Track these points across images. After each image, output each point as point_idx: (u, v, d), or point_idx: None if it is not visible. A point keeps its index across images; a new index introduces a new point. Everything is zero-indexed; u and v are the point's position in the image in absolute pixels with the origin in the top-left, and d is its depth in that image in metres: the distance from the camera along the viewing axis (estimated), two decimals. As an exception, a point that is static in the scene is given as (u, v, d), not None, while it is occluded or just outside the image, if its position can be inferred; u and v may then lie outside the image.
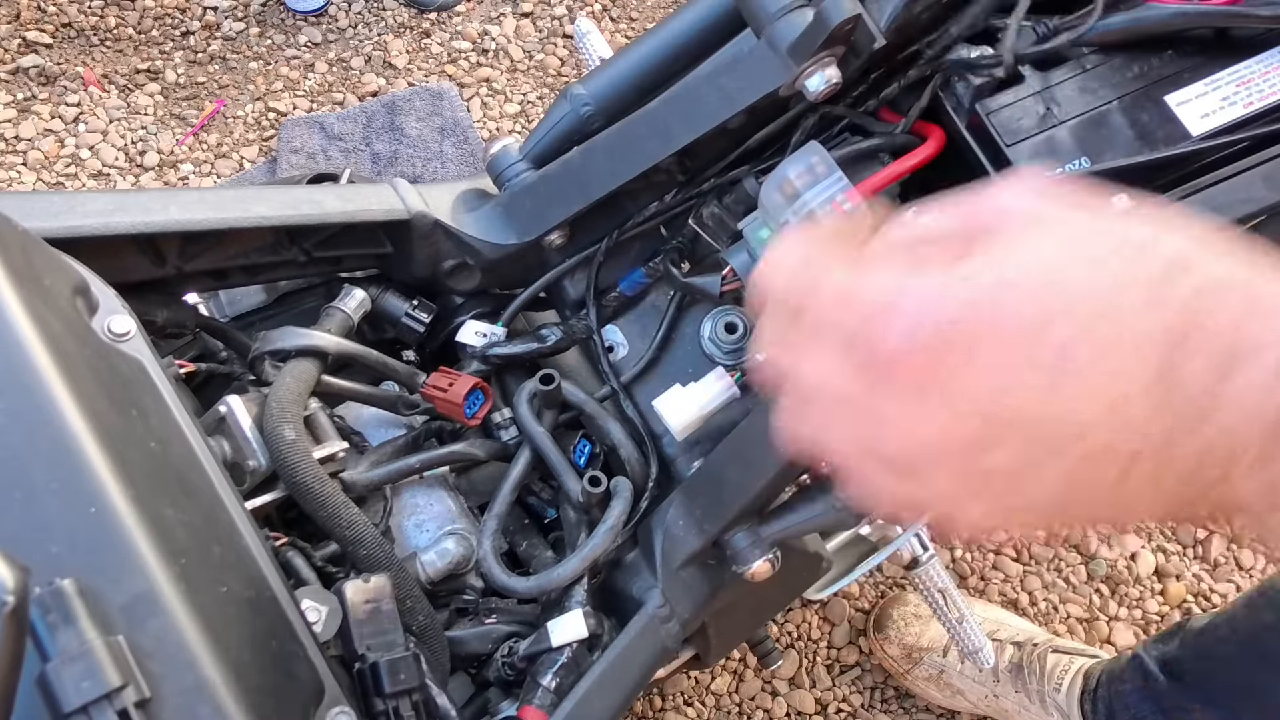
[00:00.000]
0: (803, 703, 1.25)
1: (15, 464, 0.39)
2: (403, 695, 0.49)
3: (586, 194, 0.62)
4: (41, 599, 0.35)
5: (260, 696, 0.39)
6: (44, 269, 0.47)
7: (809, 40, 0.54)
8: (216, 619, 0.39)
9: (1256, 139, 0.53)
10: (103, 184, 1.53)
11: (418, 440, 0.66)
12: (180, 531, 0.41)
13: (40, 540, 0.38)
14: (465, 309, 0.70)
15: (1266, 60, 0.54)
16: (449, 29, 1.70)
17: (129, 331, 0.49)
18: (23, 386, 0.40)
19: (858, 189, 0.55)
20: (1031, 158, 0.54)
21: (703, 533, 0.56)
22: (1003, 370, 0.26)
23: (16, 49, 1.61)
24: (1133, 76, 0.55)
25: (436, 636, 0.57)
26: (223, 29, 1.66)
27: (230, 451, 0.56)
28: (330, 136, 1.56)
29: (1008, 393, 0.26)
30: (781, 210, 0.57)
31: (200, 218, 0.56)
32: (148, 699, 0.35)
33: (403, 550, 0.62)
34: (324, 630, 0.49)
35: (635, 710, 1.21)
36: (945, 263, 0.28)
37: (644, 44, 0.68)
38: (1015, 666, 1.15)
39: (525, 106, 1.64)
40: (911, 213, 0.31)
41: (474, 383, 0.63)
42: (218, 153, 1.57)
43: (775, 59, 0.55)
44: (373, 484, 0.60)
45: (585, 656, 0.58)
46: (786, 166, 0.57)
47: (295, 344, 0.60)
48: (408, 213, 0.63)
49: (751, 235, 0.60)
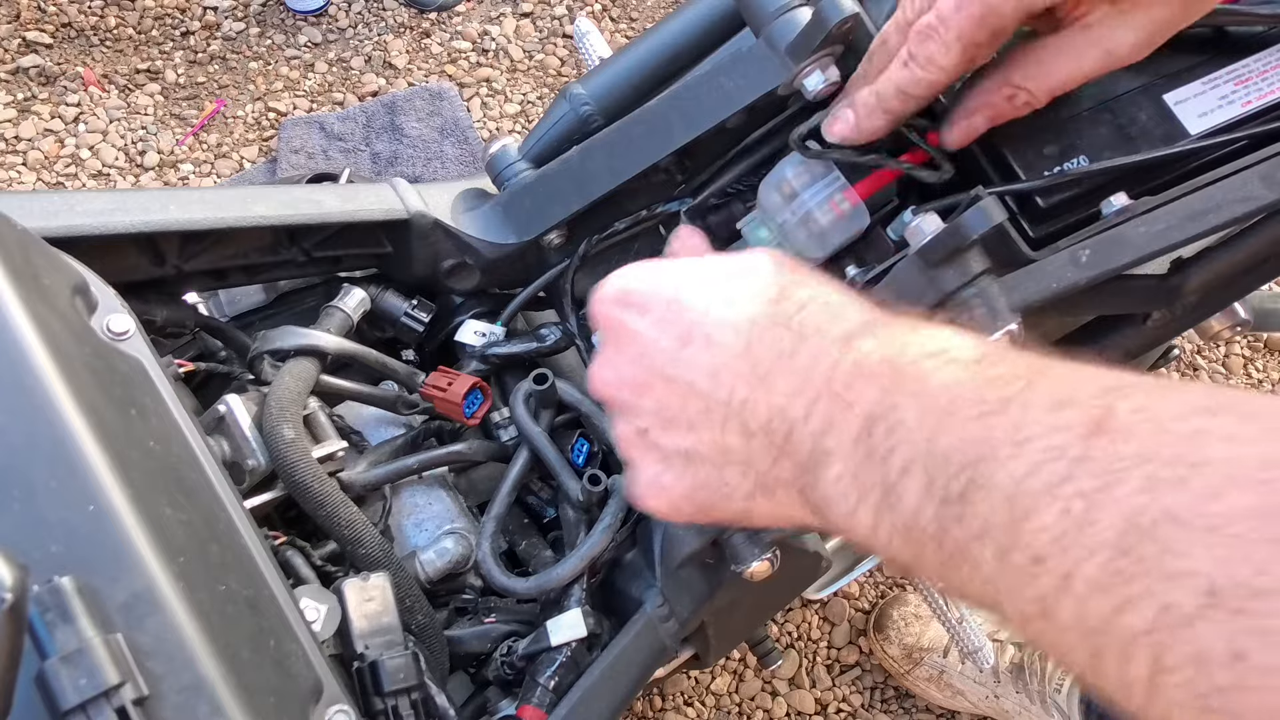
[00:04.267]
0: (803, 703, 1.25)
1: (14, 462, 0.39)
2: (401, 694, 0.50)
3: (586, 193, 0.62)
4: (40, 597, 0.35)
5: (258, 694, 0.39)
6: (43, 268, 0.47)
7: (808, 39, 0.54)
8: (215, 617, 0.39)
9: (1255, 138, 0.53)
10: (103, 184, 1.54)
11: (417, 440, 0.66)
12: (179, 530, 0.41)
13: (39, 538, 0.38)
14: (464, 308, 0.70)
15: (1265, 59, 0.54)
16: (449, 29, 1.70)
17: (128, 330, 0.50)
18: (22, 385, 0.40)
19: (855, 188, 0.55)
20: (1030, 156, 0.54)
21: (702, 532, 0.56)
22: (652, 340, 0.40)
23: (16, 49, 1.61)
24: (1131, 75, 0.55)
25: (435, 635, 0.57)
26: (223, 29, 1.67)
27: (229, 451, 0.56)
28: (330, 136, 1.57)
29: (652, 354, 0.40)
30: (779, 210, 0.57)
31: (200, 217, 0.57)
32: (146, 697, 0.35)
33: (402, 549, 0.62)
34: (323, 629, 0.49)
35: (635, 710, 1.21)
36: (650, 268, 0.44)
37: (643, 44, 0.68)
38: (1016, 667, 1.15)
39: (525, 106, 1.64)
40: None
41: (473, 382, 0.63)
42: (218, 153, 1.57)
43: (774, 58, 0.56)
44: (371, 484, 0.60)
45: (584, 656, 0.58)
46: (784, 166, 0.57)
47: (294, 343, 0.60)
48: (407, 212, 0.63)
49: (750, 235, 0.60)
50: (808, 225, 0.56)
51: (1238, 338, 1.58)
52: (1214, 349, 1.56)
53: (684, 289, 0.41)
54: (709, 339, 0.39)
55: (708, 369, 0.39)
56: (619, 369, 0.42)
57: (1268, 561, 0.23)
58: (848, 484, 0.34)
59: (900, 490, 0.32)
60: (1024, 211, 0.54)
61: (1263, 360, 1.57)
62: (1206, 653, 0.23)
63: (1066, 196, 0.53)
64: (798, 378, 0.36)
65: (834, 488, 0.35)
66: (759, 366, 0.38)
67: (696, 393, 0.39)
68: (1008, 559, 0.28)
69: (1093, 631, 0.26)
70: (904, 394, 0.33)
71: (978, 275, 0.49)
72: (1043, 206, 0.53)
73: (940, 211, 0.52)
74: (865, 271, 0.56)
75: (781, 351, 0.37)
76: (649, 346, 0.41)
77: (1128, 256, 0.50)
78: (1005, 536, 0.28)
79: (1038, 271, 0.50)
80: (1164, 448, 0.26)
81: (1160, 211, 0.50)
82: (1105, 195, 0.52)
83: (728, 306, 0.40)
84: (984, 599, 0.30)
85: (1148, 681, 0.25)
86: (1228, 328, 0.68)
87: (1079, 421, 0.28)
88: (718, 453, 0.39)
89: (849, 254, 0.58)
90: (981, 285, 0.49)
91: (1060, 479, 0.27)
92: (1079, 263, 0.50)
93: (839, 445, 0.35)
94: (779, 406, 0.37)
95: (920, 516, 0.31)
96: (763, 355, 0.38)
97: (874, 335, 0.36)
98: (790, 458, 0.37)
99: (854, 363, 0.35)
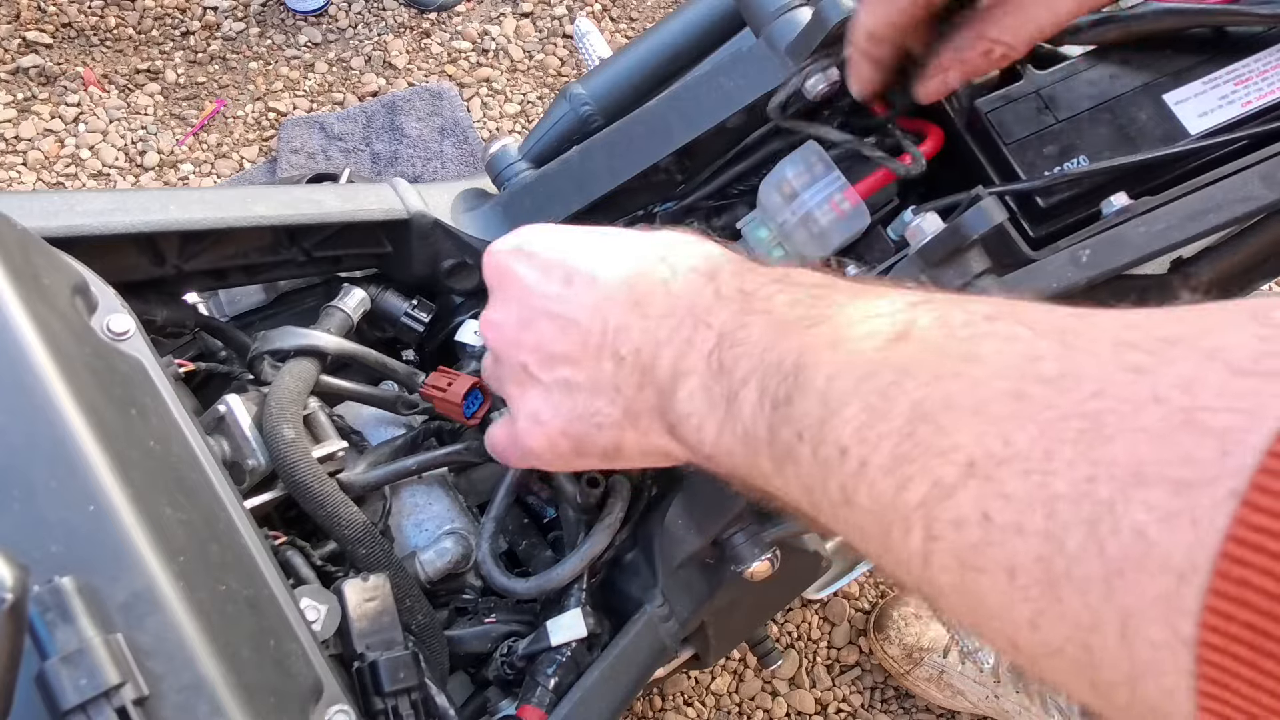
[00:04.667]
0: (803, 703, 1.25)
1: (14, 462, 0.39)
2: (401, 694, 0.50)
3: (585, 193, 0.62)
4: (40, 597, 0.35)
5: (259, 694, 0.39)
6: (43, 268, 0.47)
7: (807, 39, 0.54)
8: (215, 617, 0.39)
9: (1255, 138, 0.53)
10: (103, 184, 1.54)
11: (417, 440, 0.66)
12: (179, 530, 0.41)
13: (39, 538, 0.38)
14: (465, 308, 0.70)
15: (1264, 59, 0.54)
16: (449, 29, 1.70)
17: (128, 330, 0.50)
18: (22, 385, 0.40)
19: (855, 188, 0.55)
20: (1030, 156, 0.54)
21: (702, 532, 0.56)
22: (537, 282, 0.44)
23: (16, 49, 1.61)
24: (1131, 75, 0.55)
25: (435, 635, 0.57)
26: (223, 29, 1.67)
27: (229, 451, 0.56)
28: (330, 136, 1.56)
29: (537, 295, 0.44)
30: (779, 209, 0.57)
31: (200, 217, 0.57)
32: (146, 696, 0.35)
33: (402, 549, 0.62)
34: (323, 629, 0.49)
35: (635, 710, 1.21)
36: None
37: (643, 44, 0.68)
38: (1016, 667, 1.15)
39: (525, 106, 1.64)
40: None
41: (473, 382, 0.63)
42: (218, 153, 1.57)
43: (774, 58, 0.56)
44: (372, 485, 0.60)
45: (584, 656, 0.58)
46: (785, 166, 0.57)
47: (294, 343, 0.60)
48: (407, 212, 0.63)
49: (750, 234, 0.60)
50: (808, 225, 0.56)
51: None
52: (1214, 349, 1.56)
53: (574, 244, 0.45)
54: (593, 279, 0.43)
55: (590, 304, 0.42)
56: (505, 312, 0.46)
57: (1012, 432, 0.26)
58: (700, 399, 0.38)
59: (741, 399, 0.35)
60: (1024, 211, 0.54)
61: (1263, 360, 1.57)
62: (963, 518, 0.26)
63: (1066, 196, 0.53)
64: (669, 302, 0.40)
65: (687, 404, 0.38)
66: (634, 293, 0.41)
67: (577, 326, 0.42)
68: (819, 453, 0.31)
69: (882, 510, 0.29)
70: (752, 314, 0.37)
71: (978, 275, 0.49)
72: (1043, 206, 0.53)
73: (940, 211, 0.52)
74: (865, 272, 0.56)
75: (657, 280, 0.41)
76: (535, 288, 0.44)
77: (1128, 256, 0.50)
78: (818, 432, 0.32)
79: (1038, 271, 0.50)
80: (950, 347, 0.30)
81: (1160, 211, 0.50)
82: (1105, 195, 0.52)
83: (615, 253, 0.43)
84: (805, 500, 0.34)
85: (921, 550, 0.28)
86: (1228, 328, 0.68)
87: (887, 329, 0.32)
88: (591, 381, 0.42)
89: (849, 254, 0.58)
90: (981, 285, 0.49)
91: (863, 376, 0.31)
92: (1079, 263, 0.50)
93: (695, 364, 0.38)
94: (649, 330, 0.40)
95: (756, 423, 0.35)
96: (640, 285, 0.41)
97: (734, 273, 0.40)
98: (653, 383, 0.40)
99: (714, 290, 0.39)
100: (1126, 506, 0.22)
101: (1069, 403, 0.25)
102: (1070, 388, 0.25)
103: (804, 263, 0.46)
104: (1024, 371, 0.27)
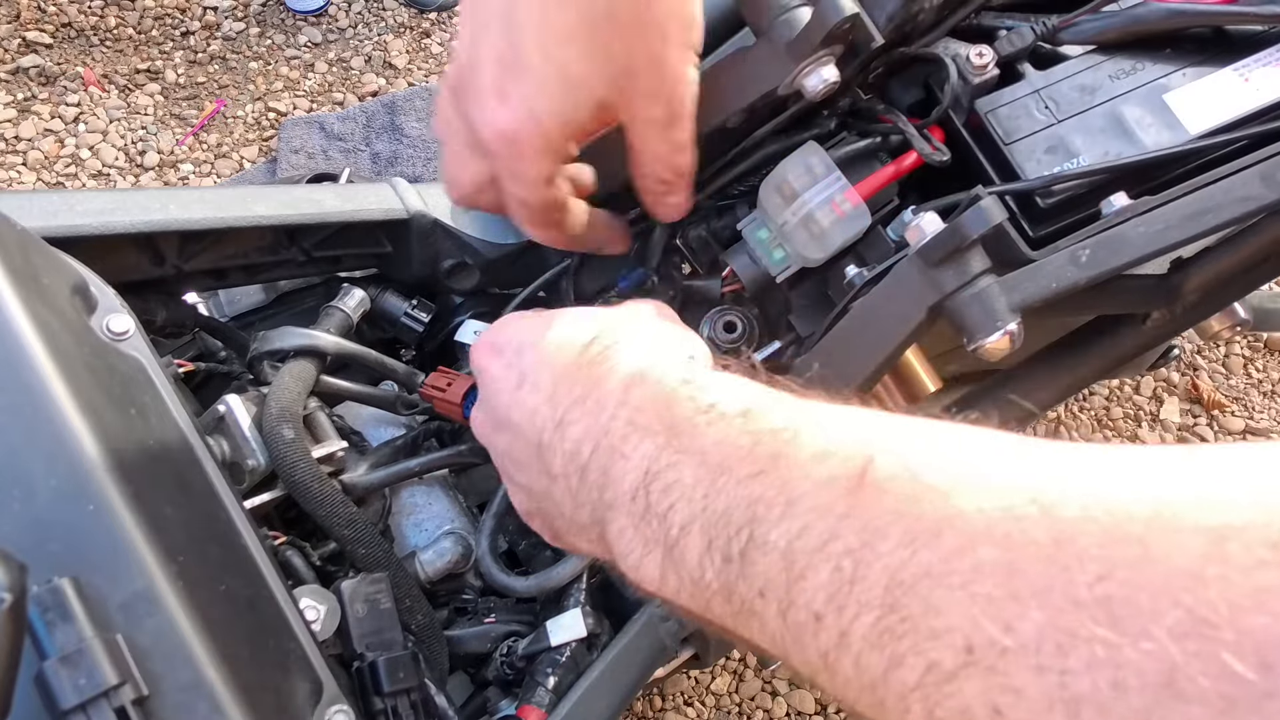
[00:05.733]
0: (803, 703, 1.25)
1: (14, 462, 0.39)
2: (401, 694, 0.50)
3: (585, 193, 0.62)
4: (39, 597, 0.35)
5: (258, 694, 0.39)
6: (43, 268, 0.47)
7: (807, 39, 0.54)
8: (215, 617, 0.39)
9: (1254, 138, 0.53)
10: (103, 184, 1.54)
11: (417, 441, 0.66)
12: (178, 530, 0.41)
13: (39, 538, 0.38)
14: (464, 308, 0.70)
15: (1264, 58, 0.54)
16: (449, 29, 1.70)
17: (128, 330, 0.50)
18: (21, 385, 0.40)
19: (856, 189, 0.55)
20: (1030, 156, 0.54)
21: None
22: (498, 384, 0.43)
23: (16, 49, 1.61)
24: (1131, 75, 0.55)
25: (435, 635, 0.57)
26: (223, 29, 1.67)
27: (229, 451, 0.56)
28: (330, 136, 1.57)
29: (499, 398, 0.43)
30: (780, 211, 0.57)
31: (199, 217, 0.57)
32: (145, 696, 0.35)
33: (401, 549, 0.62)
34: (323, 629, 0.49)
35: (635, 710, 1.21)
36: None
37: (643, 43, 0.68)
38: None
39: (525, 107, 1.63)
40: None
41: (472, 383, 0.62)
42: (218, 153, 1.57)
43: (774, 58, 0.55)
44: (373, 487, 0.60)
45: (584, 656, 0.58)
46: (785, 167, 0.57)
47: (294, 344, 0.60)
48: (407, 212, 0.63)
49: (750, 236, 0.60)
50: (808, 226, 0.56)
51: (1238, 338, 1.58)
52: (1214, 349, 1.56)
53: (532, 335, 0.43)
54: (535, 383, 0.41)
55: (530, 411, 0.40)
56: (483, 411, 0.46)
57: (1013, 619, 0.23)
58: (631, 538, 0.35)
59: (682, 548, 0.33)
60: (1024, 211, 0.54)
61: (1263, 360, 1.57)
62: (970, 708, 0.24)
63: (1066, 196, 0.53)
64: (585, 423, 0.37)
65: (619, 541, 0.35)
66: (557, 410, 0.39)
67: (522, 434, 0.41)
68: (789, 616, 0.29)
69: (872, 685, 0.27)
70: (678, 450, 0.34)
71: (977, 275, 0.49)
72: (1043, 206, 0.53)
73: (940, 211, 0.52)
74: (865, 272, 0.56)
75: (576, 398, 0.38)
76: (498, 389, 0.43)
77: (1128, 256, 0.50)
78: (785, 595, 0.29)
79: (1037, 271, 0.50)
80: (920, 499, 0.27)
81: (1160, 211, 0.50)
82: (1105, 195, 0.52)
83: (555, 351, 0.41)
84: (774, 651, 0.31)
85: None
86: (1228, 328, 0.68)
87: (842, 474, 0.29)
88: (544, 491, 0.41)
89: (849, 254, 0.58)
90: (981, 285, 0.49)
91: (828, 537, 0.28)
92: (1079, 263, 0.50)
93: (618, 499, 0.35)
94: (570, 453, 0.38)
95: (704, 574, 0.32)
96: (562, 399, 0.39)
97: (648, 385, 0.37)
98: (587, 503, 0.38)
99: (629, 417, 0.36)
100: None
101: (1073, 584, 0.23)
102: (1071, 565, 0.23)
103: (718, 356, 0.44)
104: (1010, 535, 0.25)
